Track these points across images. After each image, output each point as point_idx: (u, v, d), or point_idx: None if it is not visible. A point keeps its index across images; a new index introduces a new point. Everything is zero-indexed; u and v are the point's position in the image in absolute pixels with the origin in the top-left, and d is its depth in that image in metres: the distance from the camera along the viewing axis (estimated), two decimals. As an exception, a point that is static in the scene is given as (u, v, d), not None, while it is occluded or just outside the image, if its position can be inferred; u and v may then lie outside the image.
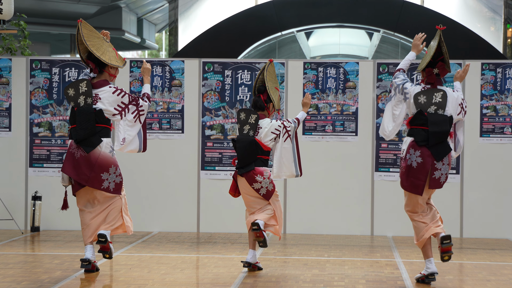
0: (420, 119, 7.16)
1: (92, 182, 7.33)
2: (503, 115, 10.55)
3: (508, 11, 22.25)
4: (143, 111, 7.56)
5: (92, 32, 7.50)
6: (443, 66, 7.22)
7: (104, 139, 7.39)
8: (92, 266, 7.41)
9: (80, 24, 7.41)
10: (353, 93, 10.64)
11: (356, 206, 10.62)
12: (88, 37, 7.42)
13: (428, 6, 21.74)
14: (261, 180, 7.69)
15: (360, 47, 25.40)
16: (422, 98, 7.15)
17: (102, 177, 7.34)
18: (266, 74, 7.84)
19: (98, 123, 7.37)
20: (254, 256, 7.69)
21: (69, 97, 7.42)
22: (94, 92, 7.39)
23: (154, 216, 10.70)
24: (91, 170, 7.32)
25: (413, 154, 7.16)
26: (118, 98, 7.42)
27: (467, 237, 10.52)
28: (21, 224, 10.70)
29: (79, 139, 7.32)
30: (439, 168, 7.16)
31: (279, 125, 7.78)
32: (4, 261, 8.07)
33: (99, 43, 7.48)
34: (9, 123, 10.83)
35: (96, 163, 7.33)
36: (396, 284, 7.14)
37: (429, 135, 7.10)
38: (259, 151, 7.75)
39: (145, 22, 24.61)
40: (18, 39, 12.23)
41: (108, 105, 7.40)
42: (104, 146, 7.38)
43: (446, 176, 7.23)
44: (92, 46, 7.39)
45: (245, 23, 20.74)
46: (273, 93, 7.85)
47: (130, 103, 7.48)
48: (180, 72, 10.77)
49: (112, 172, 7.39)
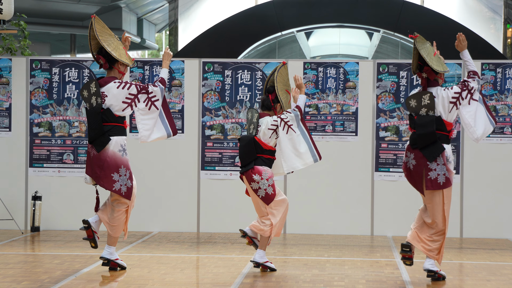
0: (412, 122, 7.37)
1: (103, 182, 7.43)
2: (503, 115, 10.55)
3: (508, 11, 22.25)
4: (155, 97, 7.56)
5: (104, 28, 7.60)
6: (430, 70, 7.34)
7: (114, 137, 7.44)
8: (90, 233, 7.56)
9: (94, 20, 7.52)
10: (353, 93, 10.64)
11: (356, 206, 10.63)
12: (101, 32, 7.52)
13: (428, 6, 21.75)
14: (258, 180, 7.63)
15: (360, 47, 25.40)
16: (413, 102, 7.32)
17: (113, 178, 7.43)
18: (277, 75, 7.84)
19: (106, 122, 7.45)
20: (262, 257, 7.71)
21: (84, 98, 7.56)
22: (101, 91, 7.48)
23: (154, 216, 10.71)
24: (101, 169, 7.43)
25: (409, 157, 7.36)
26: (123, 91, 7.47)
27: (467, 237, 10.52)
28: (21, 224, 10.71)
29: (90, 139, 7.46)
30: (434, 169, 7.22)
31: (275, 119, 7.74)
32: (4, 261, 8.07)
33: (110, 39, 7.58)
34: (9, 123, 10.83)
35: (105, 163, 7.42)
36: (396, 284, 7.14)
37: (416, 137, 7.26)
38: (258, 149, 7.71)
39: (145, 22, 24.61)
40: (18, 39, 12.23)
41: (115, 100, 7.46)
42: (113, 145, 7.43)
43: (446, 176, 7.22)
44: (104, 41, 7.48)
45: (245, 23, 20.74)
46: (282, 95, 7.84)
47: (140, 92, 7.52)
48: (180, 72, 10.77)
49: (122, 174, 7.46)
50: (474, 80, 7.32)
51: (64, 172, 10.73)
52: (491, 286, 7.10)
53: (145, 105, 7.53)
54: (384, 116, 10.55)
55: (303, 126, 7.74)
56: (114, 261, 7.56)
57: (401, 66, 10.57)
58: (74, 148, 10.70)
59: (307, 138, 7.74)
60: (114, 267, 7.57)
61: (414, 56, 7.35)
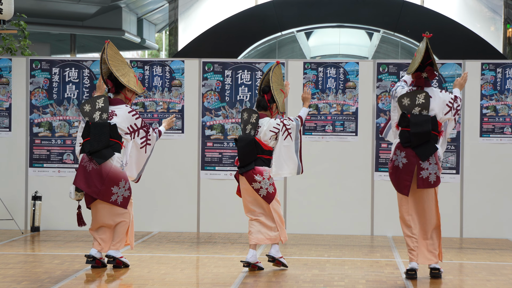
0: (404, 121, 7.35)
1: (103, 195, 7.53)
2: (503, 115, 10.55)
3: (508, 11, 22.24)
4: (151, 141, 7.78)
5: (117, 54, 7.78)
6: (432, 70, 7.39)
7: (116, 153, 7.60)
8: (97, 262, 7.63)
9: (107, 45, 7.70)
10: (353, 93, 10.64)
11: (356, 206, 10.62)
12: (112, 58, 7.68)
13: (428, 6, 21.74)
14: (260, 180, 7.69)
15: (360, 47, 25.41)
16: (406, 100, 7.34)
17: (113, 191, 7.55)
18: (272, 75, 7.85)
19: (111, 138, 7.58)
20: (254, 256, 7.70)
21: (84, 112, 7.63)
22: (110, 109, 7.62)
23: (154, 216, 10.71)
24: (102, 183, 7.52)
25: (399, 155, 7.35)
26: (132, 119, 7.65)
27: (467, 237, 10.52)
28: (21, 224, 10.71)
29: (92, 151, 7.51)
30: (426, 168, 7.27)
31: (278, 123, 7.77)
32: (4, 261, 8.07)
33: (121, 65, 7.75)
34: (9, 123, 10.83)
35: (107, 177, 7.52)
36: (396, 284, 7.14)
37: (411, 136, 7.28)
38: (259, 150, 7.75)
39: (145, 22, 24.60)
40: (18, 39, 12.23)
41: (122, 122, 7.62)
42: (116, 160, 7.59)
43: (436, 175, 7.27)
44: (114, 67, 7.64)
45: (245, 23, 20.74)
46: (278, 95, 7.86)
47: (142, 127, 7.71)
48: (180, 72, 10.77)
49: (121, 186, 7.59)
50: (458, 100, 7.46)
51: (64, 172, 10.73)
52: (491, 286, 7.10)
53: (141, 142, 7.72)
54: (384, 116, 10.55)
55: (299, 137, 7.83)
56: (119, 259, 7.67)
57: (401, 66, 10.57)
58: (74, 148, 10.69)
59: (298, 149, 7.84)
60: (118, 265, 7.69)
61: (418, 56, 7.36)
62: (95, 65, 10.73)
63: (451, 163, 10.48)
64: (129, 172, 7.78)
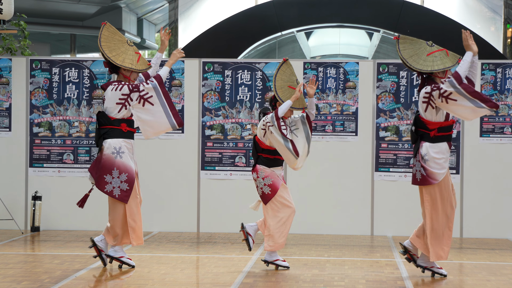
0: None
1: (98, 183, 7.58)
2: (503, 115, 10.55)
3: (508, 11, 22.24)
4: (147, 94, 7.53)
5: (114, 34, 7.66)
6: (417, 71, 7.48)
7: (108, 140, 7.55)
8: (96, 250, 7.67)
9: (103, 27, 7.61)
10: (353, 93, 10.64)
11: (356, 206, 10.62)
12: (107, 39, 7.57)
13: (428, 6, 21.73)
14: (255, 178, 7.85)
15: (360, 47, 25.39)
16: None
17: (106, 179, 7.53)
18: (277, 74, 7.92)
19: (102, 125, 7.59)
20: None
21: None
22: (104, 95, 7.64)
23: (154, 216, 10.70)
24: (97, 170, 7.58)
25: None
26: (116, 93, 7.53)
27: (467, 237, 10.52)
28: (21, 224, 10.70)
29: (95, 143, 7.75)
30: (413, 165, 7.48)
31: (264, 123, 7.84)
32: (4, 261, 8.07)
33: (117, 45, 7.61)
34: (9, 123, 10.83)
35: (100, 164, 7.56)
36: (396, 284, 7.14)
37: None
38: (258, 148, 7.91)
39: (145, 22, 24.60)
40: (18, 39, 12.23)
41: (110, 103, 7.55)
42: (107, 148, 7.54)
43: (421, 173, 7.29)
44: (106, 48, 7.54)
45: (245, 23, 20.73)
46: (283, 92, 7.88)
47: (132, 91, 7.53)
48: (180, 72, 10.77)
49: (115, 176, 7.53)
50: (445, 82, 7.20)
51: (64, 172, 10.73)
52: (491, 286, 7.10)
53: (138, 102, 7.53)
54: (384, 116, 10.55)
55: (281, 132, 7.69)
56: (119, 259, 7.66)
57: (401, 66, 10.56)
58: (74, 148, 10.70)
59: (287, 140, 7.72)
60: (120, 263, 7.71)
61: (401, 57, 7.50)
62: (95, 65, 10.73)
63: (451, 163, 10.48)
64: (160, 127, 7.56)
